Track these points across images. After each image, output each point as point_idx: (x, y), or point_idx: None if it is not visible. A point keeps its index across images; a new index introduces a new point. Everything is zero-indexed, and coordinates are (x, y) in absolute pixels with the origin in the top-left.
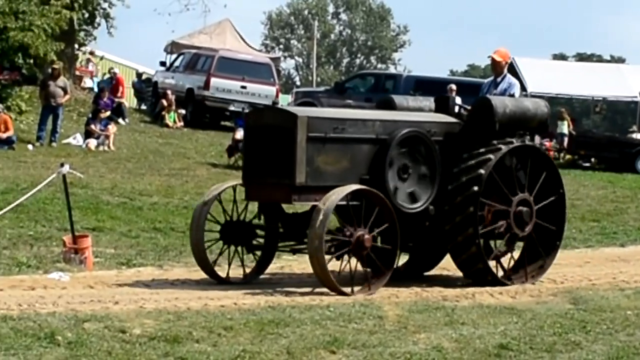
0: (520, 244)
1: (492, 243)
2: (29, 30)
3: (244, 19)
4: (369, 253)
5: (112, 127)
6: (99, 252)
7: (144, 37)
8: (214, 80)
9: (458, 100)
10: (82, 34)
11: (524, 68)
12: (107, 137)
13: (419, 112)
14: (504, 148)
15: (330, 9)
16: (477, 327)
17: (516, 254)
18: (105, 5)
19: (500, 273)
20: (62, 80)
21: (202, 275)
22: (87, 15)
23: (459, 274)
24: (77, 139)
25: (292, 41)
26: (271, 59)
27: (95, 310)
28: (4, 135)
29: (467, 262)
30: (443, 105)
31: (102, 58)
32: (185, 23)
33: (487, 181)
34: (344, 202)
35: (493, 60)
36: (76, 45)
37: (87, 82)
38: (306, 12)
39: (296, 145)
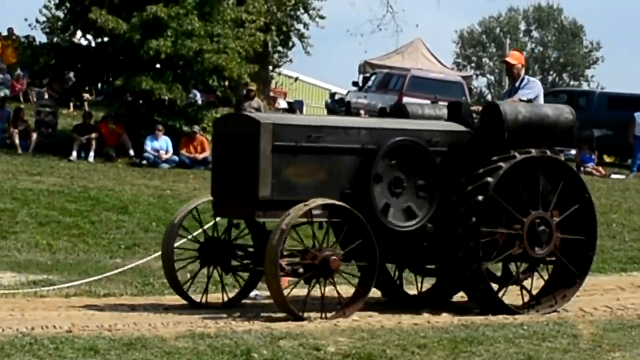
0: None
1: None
2: (224, 53)
3: (435, 37)
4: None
5: None
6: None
7: (336, 57)
8: (406, 100)
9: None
10: (275, 55)
11: None
12: None
13: (435, 120)
14: (504, 166)
15: (522, 26)
16: None
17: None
18: (300, 26)
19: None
20: (256, 102)
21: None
22: (281, 36)
23: None
24: None
25: (483, 59)
26: (463, 77)
27: (290, 328)
28: (200, 156)
29: (479, 296)
30: (456, 113)
31: (296, 79)
32: (377, 43)
33: (494, 202)
34: (304, 220)
35: (507, 64)
36: (270, 67)
37: (281, 103)
38: (498, 29)
39: (259, 155)
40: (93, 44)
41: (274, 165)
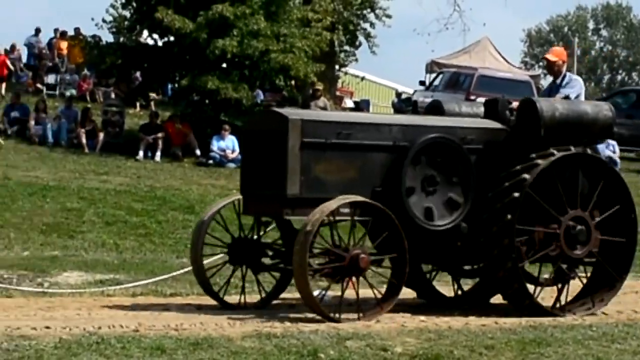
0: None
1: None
2: (290, 52)
3: (503, 36)
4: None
5: None
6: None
7: (402, 57)
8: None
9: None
10: (342, 54)
11: None
12: None
13: (471, 118)
14: (542, 163)
15: (591, 25)
16: None
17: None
18: (366, 25)
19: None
20: (322, 101)
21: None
22: (347, 36)
23: None
24: None
25: None
26: (531, 76)
27: (357, 329)
28: None
29: (513, 296)
30: (492, 110)
31: (363, 79)
32: (444, 42)
33: (531, 201)
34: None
35: (548, 61)
36: (336, 66)
37: (348, 103)
38: (566, 28)
39: (288, 151)
40: (159, 44)
41: (302, 162)
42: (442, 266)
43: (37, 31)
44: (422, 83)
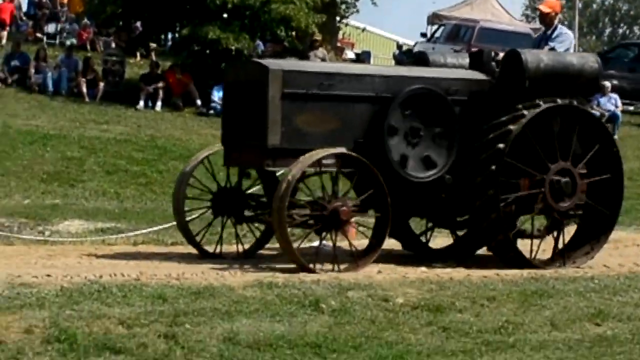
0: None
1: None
2: (291, 3)
3: None
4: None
5: None
6: (363, 221)
7: (404, 8)
8: None
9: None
10: (343, 5)
11: None
12: None
13: (456, 69)
14: (528, 114)
15: None
16: None
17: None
18: None
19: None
20: (321, 52)
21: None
22: None
23: None
24: None
25: None
26: (532, 29)
27: (358, 279)
28: None
29: (498, 247)
30: (477, 61)
31: (363, 30)
32: None
33: (520, 150)
34: (313, 169)
35: (541, 12)
36: (337, 18)
37: (348, 54)
38: None
39: (268, 102)
40: None
41: (283, 112)
42: (434, 220)
43: None
44: (423, 35)
